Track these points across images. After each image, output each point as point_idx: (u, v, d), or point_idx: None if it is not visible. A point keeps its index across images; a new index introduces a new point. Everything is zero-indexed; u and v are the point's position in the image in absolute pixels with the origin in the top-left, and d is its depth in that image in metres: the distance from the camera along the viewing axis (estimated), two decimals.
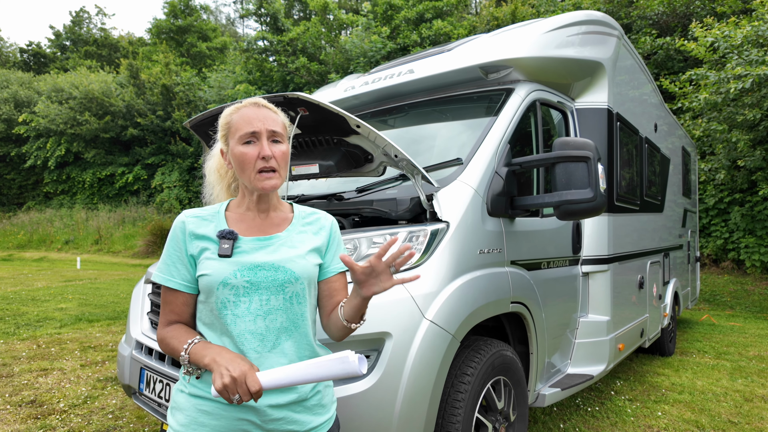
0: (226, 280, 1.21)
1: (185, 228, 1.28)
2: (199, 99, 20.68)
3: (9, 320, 6.47)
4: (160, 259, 1.31)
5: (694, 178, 7.17)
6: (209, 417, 1.19)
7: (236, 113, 1.30)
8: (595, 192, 2.19)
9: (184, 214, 1.31)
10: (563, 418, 3.41)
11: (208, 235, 1.27)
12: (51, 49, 34.06)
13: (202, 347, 1.18)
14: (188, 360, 1.18)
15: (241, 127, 1.27)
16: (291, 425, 1.23)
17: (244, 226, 1.31)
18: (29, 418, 3.26)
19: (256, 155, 1.25)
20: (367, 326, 1.78)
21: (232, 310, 1.21)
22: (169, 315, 1.28)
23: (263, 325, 1.22)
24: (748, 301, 8.99)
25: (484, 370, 2.08)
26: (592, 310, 3.27)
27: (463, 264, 2.10)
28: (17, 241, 21.25)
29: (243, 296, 1.21)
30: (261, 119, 1.27)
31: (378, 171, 2.35)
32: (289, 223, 1.36)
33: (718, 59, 7.96)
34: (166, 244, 1.30)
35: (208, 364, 1.13)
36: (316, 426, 1.28)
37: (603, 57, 3.29)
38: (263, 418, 1.20)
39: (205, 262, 1.24)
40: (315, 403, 1.29)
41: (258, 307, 1.22)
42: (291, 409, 1.23)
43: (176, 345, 1.21)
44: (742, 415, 3.55)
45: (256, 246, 1.27)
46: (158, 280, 1.28)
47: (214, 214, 1.32)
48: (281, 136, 1.30)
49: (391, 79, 3.25)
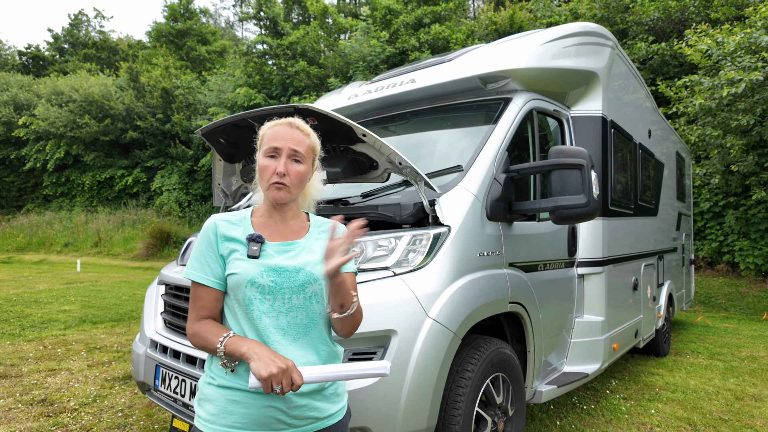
0: (254, 279, 1.33)
1: (217, 230, 1.40)
2: (198, 102, 20.78)
3: (14, 322, 6.55)
4: (190, 258, 1.42)
5: (688, 182, 7.31)
6: (238, 406, 1.30)
7: (270, 129, 1.45)
8: (589, 198, 2.31)
9: (215, 217, 1.44)
10: (560, 416, 3.52)
11: (238, 238, 1.39)
12: (50, 52, 34.11)
13: (238, 339, 1.29)
14: (224, 352, 1.28)
15: (268, 141, 1.42)
16: (312, 412, 1.35)
17: (268, 232, 1.43)
18: (41, 416, 3.36)
19: (273, 170, 1.39)
20: (374, 324, 1.89)
21: (258, 307, 1.33)
22: (200, 311, 1.37)
23: (285, 321, 1.35)
24: (742, 303, 9.13)
25: (483, 367, 2.20)
26: (588, 310, 3.39)
27: (463, 266, 2.22)
28: (16, 243, 21.28)
29: (268, 294, 1.34)
30: (287, 138, 1.41)
31: (382, 177, 2.46)
32: (307, 231, 1.49)
33: (712, 65, 8.11)
34: (198, 244, 1.41)
35: (245, 353, 1.23)
36: (333, 413, 1.40)
37: (597, 67, 3.41)
38: (289, 405, 1.31)
39: (235, 262, 1.36)
40: (332, 392, 1.41)
41: (281, 304, 1.34)
42: (312, 398, 1.35)
43: (211, 338, 1.31)
44: (732, 412, 3.67)
45: (279, 250, 1.40)
46: (192, 277, 1.38)
47: (241, 219, 1.45)
48: (302, 157, 1.43)
49: (393, 87, 3.37)
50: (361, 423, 1.83)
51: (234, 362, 1.31)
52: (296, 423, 1.32)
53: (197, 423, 1.35)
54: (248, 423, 1.29)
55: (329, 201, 2.68)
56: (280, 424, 1.31)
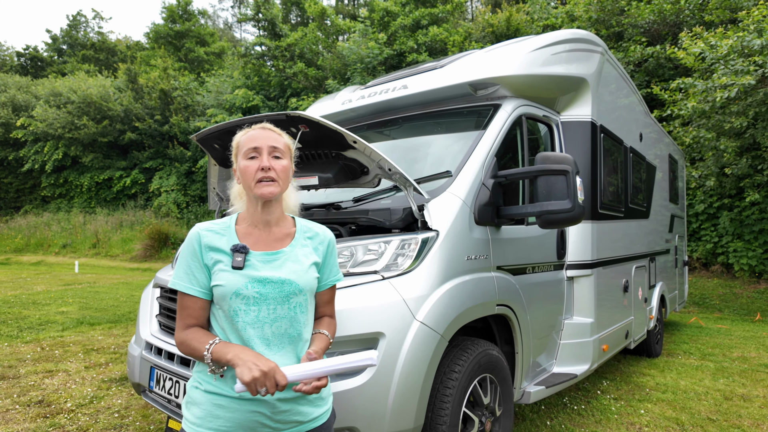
0: (239, 290, 1.35)
1: (201, 240, 1.41)
2: (197, 104, 20.82)
3: (12, 323, 6.59)
4: (176, 267, 1.44)
5: (681, 184, 7.37)
6: (224, 410, 1.34)
7: (244, 135, 1.48)
8: (574, 203, 2.37)
9: (199, 227, 1.45)
10: (550, 416, 3.57)
11: (222, 248, 1.41)
12: (48, 53, 34.14)
13: (224, 346, 1.32)
14: (211, 358, 1.31)
15: (246, 144, 1.45)
16: (296, 416, 1.39)
17: (252, 240, 1.45)
18: (38, 417, 3.40)
19: (257, 167, 1.42)
20: (363, 326, 1.95)
21: (242, 318, 1.36)
22: (187, 319, 1.40)
23: (270, 331, 1.37)
24: (736, 304, 9.20)
25: (471, 368, 2.25)
26: (577, 312, 3.45)
27: (451, 269, 2.27)
28: (14, 244, 21.29)
29: (253, 305, 1.36)
30: (264, 137, 1.45)
31: (373, 183, 2.52)
32: (292, 237, 1.51)
33: (706, 68, 8.18)
34: (182, 254, 1.43)
35: (231, 360, 1.27)
36: (317, 416, 1.44)
37: (587, 73, 3.47)
38: (273, 410, 1.35)
39: (219, 273, 1.38)
40: (315, 396, 1.44)
41: (266, 315, 1.37)
42: (296, 402, 1.39)
43: (197, 346, 1.34)
44: (720, 412, 3.72)
45: (264, 260, 1.42)
46: (178, 287, 1.40)
47: (225, 228, 1.46)
48: (282, 153, 1.47)
49: (386, 93, 3.43)
50: (349, 423, 1.88)
51: (222, 368, 1.35)
52: (280, 427, 1.36)
53: (184, 425, 1.38)
54: (233, 427, 1.33)
55: (322, 205, 2.74)
56: (264, 428, 1.35)
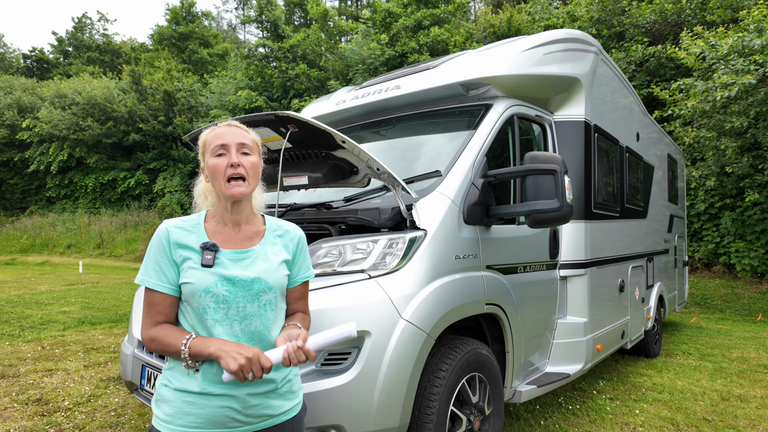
0: (208, 288, 1.35)
1: (170, 236, 1.39)
2: (200, 105, 20.95)
3: (14, 323, 6.65)
4: (144, 264, 1.42)
5: (681, 184, 7.34)
6: (194, 407, 1.34)
7: (211, 133, 1.48)
8: (562, 202, 2.38)
9: (167, 223, 1.43)
10: (545, 416, 3.57)
11: (191, 245, 1.39)
12: (54, 54, 34.42)
13: (202, 341, 1.32)
14: (189, 354, 1.31)
15: (213, 141, 1.44)
16: (267, 410, 1.40)
17: (222, 238, 1.45)
18: (36, 416, 3.44)
19: (226, 164, 1.41)
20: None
21: (212, 315, 1.36)
22: (156, 316, 1.38)
23: (239, 329, 1.38)
24: (737, 305, 9.15)
25: (458, 366, 2.26)
26: (570, 312, 3.45)
27: (439, 268, 2.28)
28: (20, 245, 21.48)
29: (222, 303, 1.36)
30: (231, 134, 1.44)
31: (363, 182, 2.54)
32: (262, 236, 1.51)
33: (707, 68, 8.15)
34: (150, 250, 1.41)
35: (213, 353, 1.28)
36: (287, 409, 1.45)
37: (580, 72, 3.48)
38: (244, 405, 1.36)
39: (189, 271, 1.37)
40: (286, 390, 1.45)
41: (235, 313, 1.37)
42: (267, 396, 1.40)
43: (172, 342, 1.33)
44: (717, 413, 3.71)
45: (233, 258, 1.42)
46: (146, 284, 1.38)
47: (194, 225, 1.45)
48: (250, 149, 1.46)
49: (379, 94, 3.45)
50: (334, 421, 1.89)
51: (198, 363, 1.34)
52: (251, 420, 1.37)
53: (155, 423, 1.38)
54: (204, 423, 1.33)
55: (313, 205, 2.75)
56: (235, 422, 1.35)
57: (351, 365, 1.96)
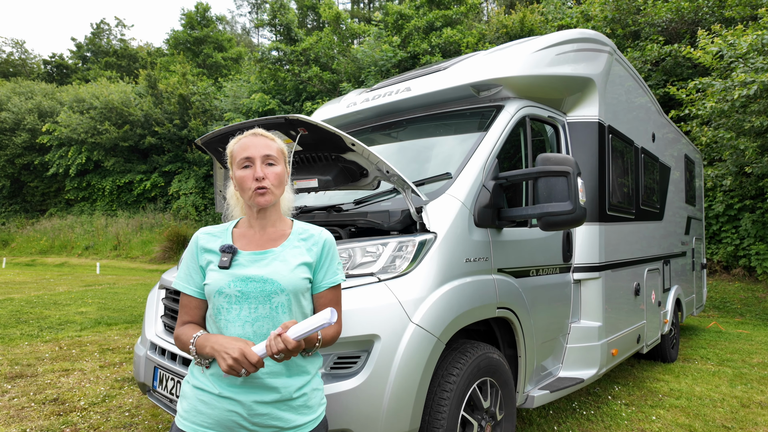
0: (221, 289, 1.40)
1: (198, 242, 1.51)
2: (214, 108, 21.18)
3: (33, 323, 6.78)
4: (179, 269, 1.54)
5: (699, 185, 7.20)
6: (206, 406, 1.38)
7: (237, 143, 1.51)
8: (575, 204, 2.34)
9: (200, 231, 1.55)
10: (558, 421, 3.52)
11: (214, 249, 1.48)
12: (73, 60, 35.15)
13: (204, 339, 1.38)
14: (195, 351, 1.39)
15: (239, 154, 1.48)
16: (275, 421, 1.37)
17: (245, 241, 1.50)
18: (52, 415, 3.49)
19: (252, 177, 1.45)
20: (358, 328, 1.95)
21: (224, 316, 1.40)
22: (184, 316, 1.50)
23: (251, 330, 1.39)
24: (758, 309, 8.93)
25: (469, 371, 2.23)
26: (584, 316, 3.39)
27: (449, 272, 2.26)
28: (40, 246, 21.93)
29: (235, 304, 1.40)
30: (256, 146, 1.47)
31: (373, 185, 2.53)
32: (286, 238, 1.52)
33: (725, 66, 7.98)
34: (184, 255, 1.53)
35: (209, 352, 1.33)
36: (300, 425, 1.41)
37: (593, 73, 3.43)
38: (249, 413, 1.35)
39: (209, 273, 1.45)
40: (300, 404, 1.42)
41: (247, 314, 1.40)
42: (275, 407, 1.38)
43: (186, 340, 1.43)
44: (736, 420, 3.62)
45: (251, 259, 1.45)
46: (177, 287, 1.51)
47: (223, 231, 1.53)
48: (275, 159, 1.49)
49: (389, 96, 3.44)
50: (343, 425, 1.88)
51: (207, 360, 1.39)
52: (258, 430, 1.36)
53: (176, 417, 1.44)
54: (213, 424, 1.36)
55: (323, 207, 2.75)
56: (241, 428, 1.36)
57: (360, 369, 1.95)
